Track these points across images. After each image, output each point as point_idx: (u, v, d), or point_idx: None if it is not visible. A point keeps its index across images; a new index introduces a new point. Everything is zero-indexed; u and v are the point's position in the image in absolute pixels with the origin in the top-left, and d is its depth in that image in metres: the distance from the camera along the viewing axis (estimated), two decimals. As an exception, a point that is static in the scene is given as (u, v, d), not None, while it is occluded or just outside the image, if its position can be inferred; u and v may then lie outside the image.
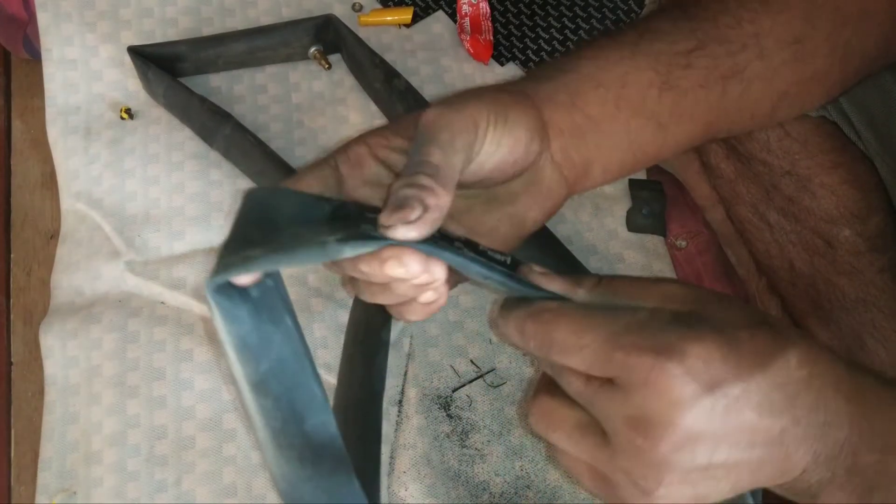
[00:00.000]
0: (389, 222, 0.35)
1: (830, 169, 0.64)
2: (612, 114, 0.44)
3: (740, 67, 0.46)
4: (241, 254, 0.35)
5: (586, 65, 0.44)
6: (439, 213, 0.36)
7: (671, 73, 0.45)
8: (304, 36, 0.85)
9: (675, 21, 0.46)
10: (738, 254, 0.77)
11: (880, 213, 0.64)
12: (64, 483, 0.67)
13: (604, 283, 0.38)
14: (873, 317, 0.64)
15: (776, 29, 0.47)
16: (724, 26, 0.46)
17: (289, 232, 0.36)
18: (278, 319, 0.38)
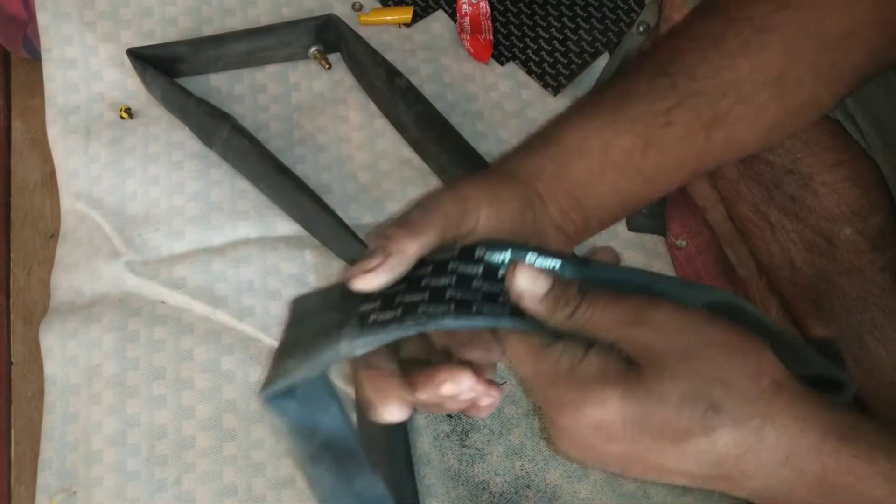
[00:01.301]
0: (352, 275, 0.38)
1: (832, 167, 0.64)
2: (599, 178, 0.46)
3: (722, 114, 0.47)
4: (280, 367, 0.41)
5: (568, 136, 0.46)
6: (400, 260, 0.39)
7: (652, 133, 0.46)
8: (304, 36, 0.85)
9: (653, 80, 0.46)
10: (738, 254, 0.77)
11: (881, 212, 0.64)
12: (64, 483, 0.67)
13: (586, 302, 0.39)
14: (874, 316, 0.64)
15: (756, 71, 0.47)
16: (701, 78, 0.46)
17: (308, 327, 0.41)
18: (324, 406, 0.42)
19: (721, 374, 0.36)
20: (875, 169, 0.64)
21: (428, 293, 0.39)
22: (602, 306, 0.38)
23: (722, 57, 0.46)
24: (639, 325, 0.37)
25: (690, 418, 0.36)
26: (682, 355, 0.37)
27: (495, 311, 0.40)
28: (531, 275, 0.39)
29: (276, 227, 0.78)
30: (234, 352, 0.72)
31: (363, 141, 0.83)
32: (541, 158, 0.45)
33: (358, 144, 0.83)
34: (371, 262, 0.38)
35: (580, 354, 0.38)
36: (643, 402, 0.37)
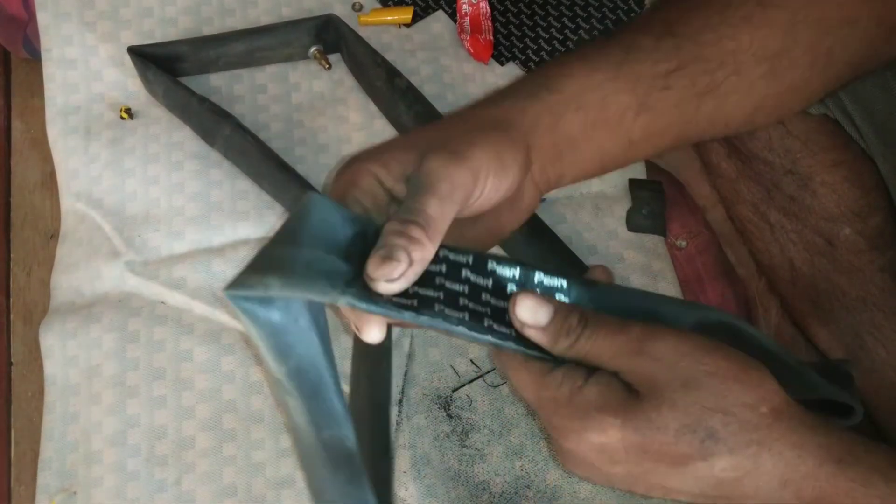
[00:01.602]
0: (374, 276, 0.37)
1: (831, 167, 0.64)
2: (589, 135, 0.46)
3: (716, 84, 0.47)
4: (260, 276, 0.37)
5: (571, 85, 0.45)
6: (422, 266, 0.38)
7: (649, 95, 0.46)
8: (304, 36, 0.85)
9: (659, 39, 0.47)
10: (738, 254, 0.77)
11: (881, 212, 0.64)
12: (64, 483, 0.67)
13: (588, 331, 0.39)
14: (873, 316, 0.64)
15: (755, 44, 0.47)
16: (704, 44, 0.47)
17: (305, 256, 0.38)
18: (301, 330, 0.39)
19: (720, 403, 0.37)
20: (874, 169, 0.64)
21: (443, 293, 0.39)
22: (604, 336, 0.39)
23: (726, 25, 0.47)
24: (640, 355, 0.38)
25: (689, 446, 0.37)
26: (681, 385, 0.37)
27: (503, 332, 0.40)
28: (533, 305, 0.39)
29: (276, 228, 0.78)
30: (234, 352, 0.72)
31: (363, 141, 0.83)
32: (540, 106, 0.45)
33: (358, 145, 0.83)
34: (396, 268, 0.37)
35: (580, 382, 0.39)
36: (643, 430, 0.38)
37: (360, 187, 0.42)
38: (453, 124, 0.44)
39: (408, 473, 0.68)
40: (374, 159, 0.42)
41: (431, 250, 0.38)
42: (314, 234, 0.38)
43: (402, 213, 0.38)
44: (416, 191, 0.39)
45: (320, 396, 0.40)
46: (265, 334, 0.38)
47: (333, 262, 0.38)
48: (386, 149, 0.43)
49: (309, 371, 0.39)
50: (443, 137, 0.42)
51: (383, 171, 0.42)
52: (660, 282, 0.79)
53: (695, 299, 0.78)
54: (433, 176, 0.39)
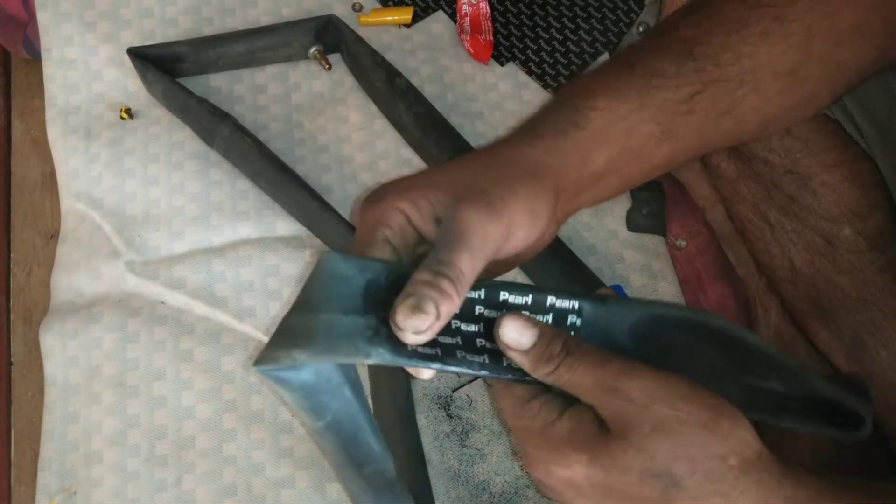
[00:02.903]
0: (402, 326, 0.37)
1: (832, 167, 0.64)
2: (612, 167, 0.46)
3: (736, 103, 0.47)
4: (286, 350, 0.38)
5: (597, 119, 0.45)
6: (447, 319, 0.38)
7: (673, 122, 0.46)
8: (304, 36, 0.85)
9: (681, 63, 0.46)
10: (738, 254, 0.77)
11: (881, 212, 0.64)
12: (64, 483, 0.67)
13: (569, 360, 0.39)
14: (873, 316, 0.64)
15: (773, 60, 0.48)
16: (724, 64, 0.47)
17: (325, 322, 0.38)
18: (334, 388, 0.40)
19: (687, 451, 0.37)
20: (875, 169, 0.64)
21: (460, 338, 0.40)
22: (584, 368, 0.39)
23: (745, 43, 0.47)
24: (615, 392, 0.38)
25: (652, 490, 0.38)
26: (651, 429, 0.37)
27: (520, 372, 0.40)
28: (518, 327, 0.40)
29: (275, 228, 0.78)
30: (234, 352, 0.72)
31: (363, 141, 0.83)
32: (569, 144, 0.44)
33: (358, 145, 0.83)
34: (425, 320, 0.36)
35: (554, 416, 0.40)
36: (608, 468, 0.38)
37: (389, 226, 0.41)
38: (489, 167, 0.43)
39: (408, 473, 0.68)
40: (404, 197, 0.42)
41: (458, 304, 0.38)
42: (330, 295, 0.38)
43: (434, 265, 0.38)
44: (449, 242, 0.39)
45: (357, 441, 0.42)
46: (299, 397, 0.39)
47: (354, 322, 0.38)
48: (418, 185, 0.42)
49: (345, 422, 0.41)
50: (479, 183, 0.41)
51: (414, 211, 0.41)
52: (660, 282, 0.79)
53: (694, 299, 0.78)
54: (468, 230, 0.39)
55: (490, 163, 0.43)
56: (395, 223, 0.42)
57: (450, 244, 0.38)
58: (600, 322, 0.42)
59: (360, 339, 0.38)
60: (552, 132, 0.45)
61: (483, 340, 0.40)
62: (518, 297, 0.41)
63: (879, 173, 0.63)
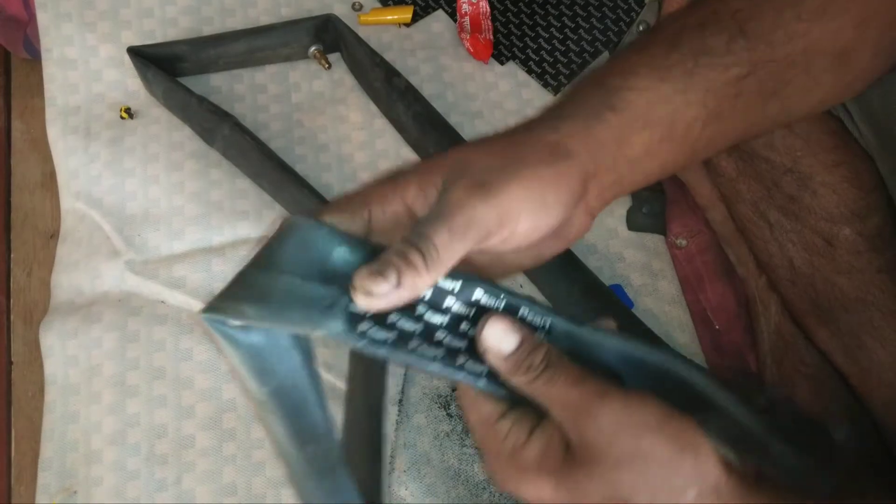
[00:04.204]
0: (356, 285, 0.35)
1: (832, 167, 0.64)
2: (653, 152, 0.43)
3: (785, 83, 0.44)
4: (235, 304, 0.36)
5: (636, 100, 0.42)
6: (411, 293, 0.36)
7: (720, 105, 0.43)
8: (303, 35, 0.85)
9: (731, 40, 0.43)
10: (738, 253, 0.77)
11: (880, 213, 0.64)
12: (64, 482, 0.67)
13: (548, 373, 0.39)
14: (872, 316, 0.64)
15: (825, 39, 0.44)
16: (777, 43, 0.43)
17: (283, 284, 0.36)
18: (282, 350, 0.38)
19: (647, 483, 0.37)
20: (874, 169, 0.63)
21: (422, 326, 0.38)
22: (561, 384, 0.39)
23: (799, 20, 0.43)
24: (586, 417, 0.38)
25: None
26: (615, 462, 0.37)
27: (475, 371, 0.39)
28: (501, 330, 0.39)
29: (275, 227, 0.78)
30: (234, 351, 0.72)
31: (363, 140, 0.83)
32: (603, 129, 0.41)
33: (358, 144, 0.83)
34: (381, 285, 0.35)
35: (524, 438, 0.40)
36: (573, 492, 0.38)
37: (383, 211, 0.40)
38: (498, 147, 0.40)
39: (408, 473, 0.68)
40: (413, 182, 0.40)
41: (427, 281, 0.36)
42: (293, 259, 0.37)
43: (409, 236, 0.36)
44: (431, 216, 0.37)
45: (303, 413, 0.39)
46: (245, 357, 0.37)
47: (313, 289, 0.36)
48: (428, 168, 0.40)
49: (291, 390, 0.39)
50: (480, 163, 0.39)
51: (421, 198, 0.39)
52: (660, 281, 0.79)
53: (694, 298, 0.78)
54: (453, 207, 0.37)
55: (503, 144, 0.40)
56: (390, 211, 0.40)
57: (431, 218, 0.37)
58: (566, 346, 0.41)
59: (314, 308, 0.36)
60: (584, 115, 0.41)
61: (445, 334, 0.39)
62: (492, 299, 0.40)
63: (879, 174, 0.63)
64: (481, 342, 0.39)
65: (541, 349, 0.39)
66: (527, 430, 0.40)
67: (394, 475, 0.68)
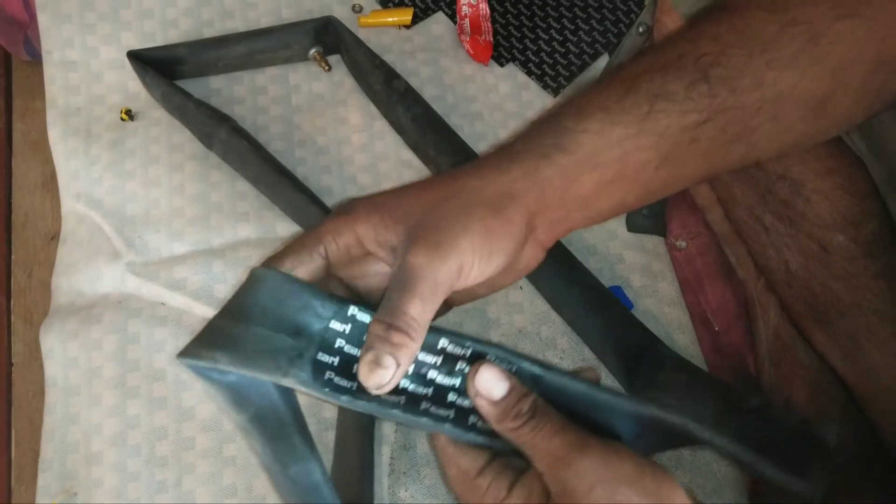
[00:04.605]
0: (367, 384, 0.38)
1: (825, 175, 0.63)
2: (604, 192, 0.43)
3: (751, 130, 0.43)
4: (210, 351, 0.39)
5: (586, 143, 0.42)
6: (408, 363, 0.39)
7: (675, 149, 0.42)
8: (303, 37, 0.85)
9: (691, 85, 0.42)
10: (737, 254, 0.77)
11: (875, 219, 0.64)
12: (64, 484, 0.68)
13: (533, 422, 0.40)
14: (869, 321, 0.64)
15: (799, 88, 0.42)
16: (741, 90, 0.42)
17: (253, 334, 0.39)
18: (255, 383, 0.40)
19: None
20: (869, 176, 0.63)
21: None
22: (544, 433, 0.40)
23: (769, 67, 0.42)
24: (566, 466, 0.39)
25: None
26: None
27: (439, 415, 0.41)
28: (493, 377, 0.40)
29: (275, 229, 0.78)
30: (234, 353, 0.73)
31: (363, 143, 0.83)
32: (551, 170, 0.42)
33: (358, 146, 0.83)
34: (385, 375, 0.38)
35: (504, 493, 0.41)
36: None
37: (336, 242, 0.42)
38: (448, 199, 0.41)
39: (408, 474, 0.68)
40: (365, 220, 0.42)
41: (416, 348, 0.39)
42: (263, 310, 0.40)
43: (385, 315, 0.39)
44: (400, 288, 0.39)
45: (282, 438, 0.42)
46: (221, 391, 0.40)
47: (281, 341, 0.39)
48: (383, 209, 0.42)
49: (268, 417, 0.41)
50: (433, 219, 0.41)
51: (371, 233, 0.42)
52: (659, 282, 0.79)
53: (694, 300, 0.78)
54: (418, 275, 0.39)
55: (450, 193, 0.42)
56: (342, 243, 0.42)
57: (400, 290, 0.39)
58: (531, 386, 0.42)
59: (282, 358, 0.39)
60: (533, 157, 0.42)
61: (407, 381, 0.41)
62: (458, 348, 0.41)
63: (873, 181, 0.63)
64: (472, 387, 0.40)
65: (528, 397, 0.41)
66: (506, 485, 0.41)
67: (394, 477, 0.68)
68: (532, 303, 0.77)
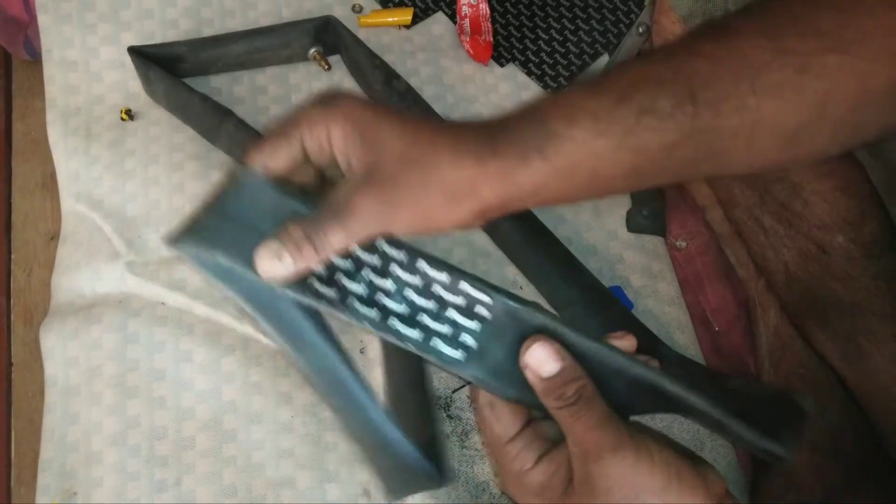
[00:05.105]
0: (259, 266, 0.41)
1: (823, 176, 0.63)
2: (565, 194, 0.44)
3: (722, 151, 0.43)
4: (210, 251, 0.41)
5: (568, 152, 0.41)
6: (300, 271, 0.41)
7: (648, 165, 0.43)
8: (303, 37, 0.85)
9: (679, 105, 0.42)
10: (737, 254, 0.77)
11: (874, 220, 0.64)
12: (64, 483, 0.68)
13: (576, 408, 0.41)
14: (868, 321, 0.64)
15: (778, 117, 0.43)
16: (723, 114, 0.42)
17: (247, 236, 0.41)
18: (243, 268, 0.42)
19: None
20: (867, 178, 0.63)
21: (363, 286, 0.43)
22: (583, 424, 0.41)
23: (753, 94, 0.42)
24: (595, 461, 0.40)
25: None
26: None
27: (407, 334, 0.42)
28: (546, 354, 0.41)
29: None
30: (234, 352, 0.73)
31: (363, 142, 0.83)
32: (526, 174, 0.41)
33: (358, 146, 0.83)
34: (278, 268, 0.41)
35: (529, 464, 0.42)
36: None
37: (311, 135, 0.43)
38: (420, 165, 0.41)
39: (407, 474, 0.68)
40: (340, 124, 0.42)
41: (316, 264, 0.41)
42: (255, 215, 0.42)
43: (309, 225, 0.41)
44: (332, 211, 0.41)
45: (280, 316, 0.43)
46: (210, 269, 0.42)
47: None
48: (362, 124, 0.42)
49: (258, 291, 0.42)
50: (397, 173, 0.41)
51: (339, 141, 0.42)
52: (659, 282, 0.79)
53: (694, 300, 0.78)
54: (352, 211, 0.41)
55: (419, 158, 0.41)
56: (315, 136, 0.43)
57: (332, 215, 0.41)
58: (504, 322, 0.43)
59: None
60: (513, 155, 0.41)
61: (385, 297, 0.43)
62: (434, 271, 0.43)
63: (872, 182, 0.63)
64: (523, 359, 0.42)
65: (576, 382, 0.41)
66: (534, 457, 0.42)
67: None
68: (532, 303, 0.77)
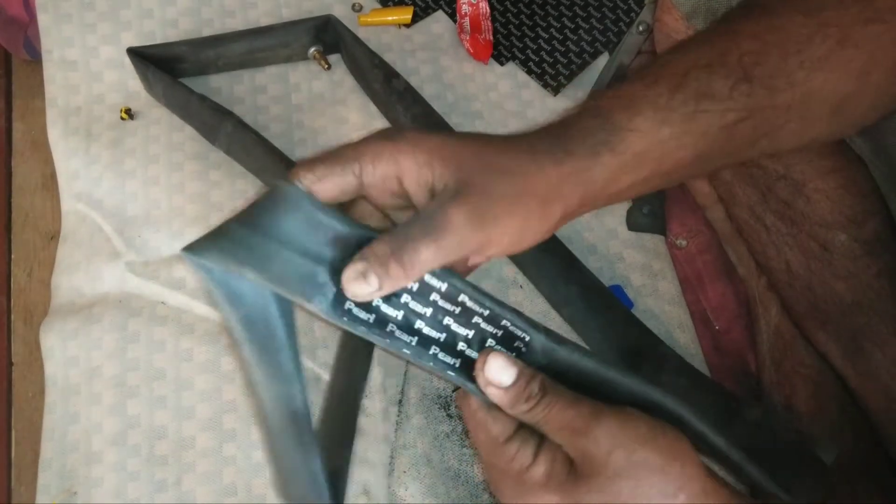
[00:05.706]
0: (345, 287, 0.38)
1: (826, 174, 0.63)
2: (635, 187, 0.44)
3: (777, 127, 0.45)
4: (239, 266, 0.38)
5: (636, 144, 0.42)
6: (388, 292, 0.39)
7: (711, 147, 0.44)
8: (303, 36, 0.85)
9: (734, 85, 0.43)
10: (738, 252, 0.77)
11: (877, 218, 0.64)
12: (64, 483, 0.68)
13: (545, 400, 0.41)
14: (869, 320, 0.64)
15: (826, 88, 0.44)
16: (777, 90, 0.43)
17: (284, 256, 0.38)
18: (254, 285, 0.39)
19: (644, 492, 0.41)
20: (870, 176, 0.63)
21: (402, 313, 0.41)
22: (558, 410, 0.41)
23: (802, 68, 0.43)
24: (583, 436, 0.41)
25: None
26: (613, 474, 0.41)
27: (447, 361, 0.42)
28: (500, 365, 0.41)
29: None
30: (234, 352, 0.73)
31: (363, 142, 0.83)
32: (598, 170, 0.42)
33: (358, 145, 0.83)
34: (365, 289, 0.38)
35: (530, 460, 0.43)
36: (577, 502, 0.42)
37: (374, 170, 0.40)
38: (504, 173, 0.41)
39: (408, 473, 0.68)
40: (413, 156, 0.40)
41: (404, 285, 0.39)
42: (293, 231, 0.39)
43: (397, 241, 0.38)
44: (425, 228, 0.38)
45: (270, 350, 0.41)
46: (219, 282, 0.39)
47: (308, 266, 0.39)
48: (434, 149, 0.40)
49: (258, 322, 0.40)
50: (486, 185, 0.40)
51: (413, 172, 0.40)
52: (660, 281, 0.79)
53: (695, 298, 0.78)
54: (448, 229, 0.38)
55: (507, 168, 0.41)
56: (380, 170, 0.40)
57: (425, 230, 0.38)
58: (544, 361, 0.43)
59: (308, 285, 0.38)
60: (585, 153, 0.42)
61: (422, 324, 0.41)
62: (476, 305, 0.42)
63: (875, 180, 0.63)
64: (482, 377, 0.42)
65: (536, 378, 0.42)
66: (532, 451, 0.43)
67: (394, 476, 0.68)
68: (532, 302, 0.76)
